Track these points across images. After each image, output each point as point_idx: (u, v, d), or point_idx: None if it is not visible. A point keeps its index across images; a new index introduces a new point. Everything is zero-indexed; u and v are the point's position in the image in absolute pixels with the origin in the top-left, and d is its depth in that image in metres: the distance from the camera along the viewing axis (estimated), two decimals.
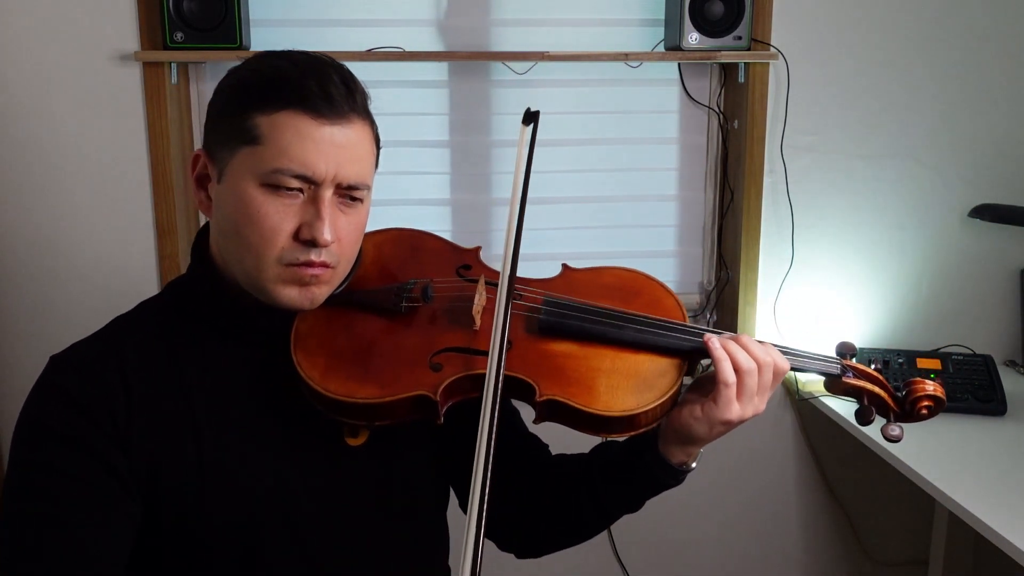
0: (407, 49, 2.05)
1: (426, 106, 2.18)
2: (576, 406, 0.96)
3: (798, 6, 2.12)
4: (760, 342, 1.01)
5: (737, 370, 0.97)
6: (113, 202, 2.03)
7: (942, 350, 2.15)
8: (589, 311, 1.04)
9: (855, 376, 1.07)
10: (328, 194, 0.96)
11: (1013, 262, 2.31)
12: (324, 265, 0.97)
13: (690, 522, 2.36)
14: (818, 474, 2.38)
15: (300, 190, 0.95)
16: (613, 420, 0.97)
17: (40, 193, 2.01)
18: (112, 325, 1.05)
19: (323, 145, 0.94)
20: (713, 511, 2.37)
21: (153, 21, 1.94)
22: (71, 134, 2.00)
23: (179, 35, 1.89)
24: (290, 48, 1.02)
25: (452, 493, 1.19)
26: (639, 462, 1.04)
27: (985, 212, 2.16)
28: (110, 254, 2.05)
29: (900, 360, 2.07)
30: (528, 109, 1.09)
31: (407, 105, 2.17)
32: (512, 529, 1.16)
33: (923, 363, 2.05)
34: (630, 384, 0.99)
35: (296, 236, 0.96)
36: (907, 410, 1.06)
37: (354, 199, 0.99)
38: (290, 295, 0.98)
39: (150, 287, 2.05)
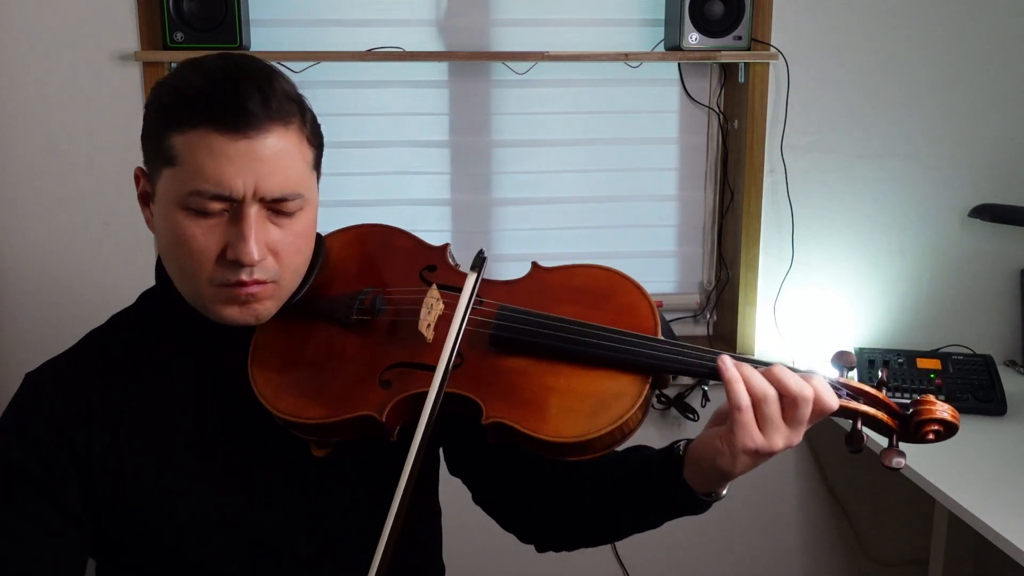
0: (407, 49, 2.05)
1: (426, 106, 2.18)
2: (524, 431, 0.88)
3: (798, 6, 2.12)
4: (804, 373, 0.88)
5: (752, 393, 0.86)
6: (113, 202, 2.03)
7: (942, 350, 2.15)
8: (544, 324, 0.95)
9: (849, 396, 0.92)
10: (252, 211, 0.90)
11: (1013, 262, 2.31)
12: (258, 283, 0.93)
13: (690, 522, 2.35)
14: (818, 474, 2.38)
15: (224, 209, 0.91)
16: (563, 446, 0.88)
17: (40, 193, 2.01)
18: (85, 340, 1.05)
19: (238, 161, 0.88)
20: (713, 511, 2.34)
21: (153, 21, 1.94)
22: (71, 134, 1.99)
23: (179, 35, 1.89)
24: (290, 48, 1.00)
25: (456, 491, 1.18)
26: (663, 491, 0.96)
27: (985, 212, 2.16)
28: (110, 254, 2.05)
29: (900, 360, 2.06)
30: (480, 252, 0.98)
31: (407, 105, 2.17)
32: (527, 524, 1.13)
33: (923, 363, 2.05)
34: (584, 406, 0.89)
35: (223, 256, 0.91)
36: (910, 431, 0.91)
37: (287, 211, 0.93)
38: (231, 314, 0.95)
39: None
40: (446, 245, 1.08)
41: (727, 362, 0.88)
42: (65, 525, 0.95)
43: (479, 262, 0.97)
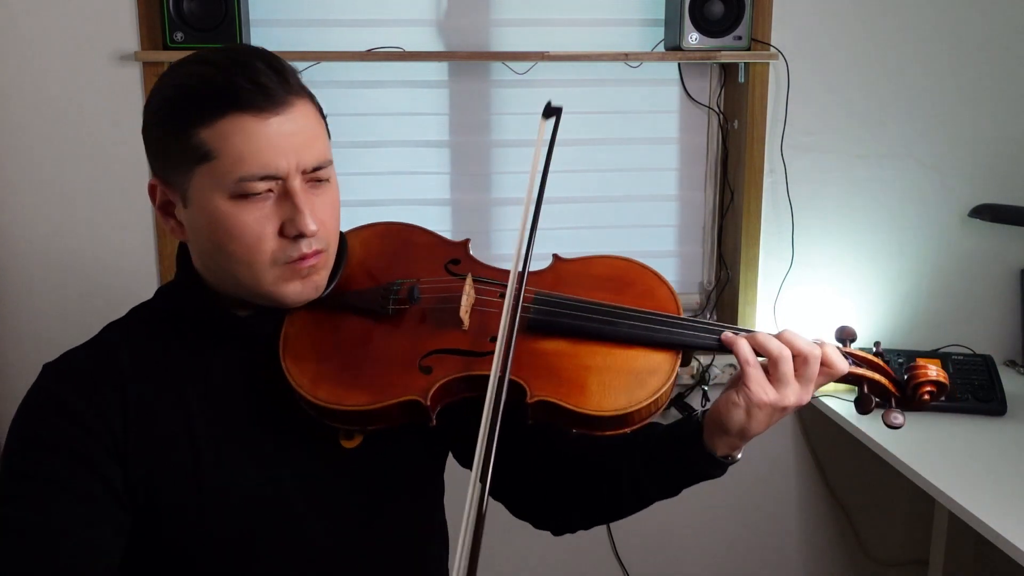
0: (407, 49, 2.05)
1: (426, 106, 2.18)
2: (567, 407, 0.94)
3: (798, 6, 2.12)
4: (817, 341, 0.98)
5: (768, 354, 0.95)
6: (113, 202, 2.03)
7: (942, 350, 2.15)
8: (579, 307, 1.01)
9: (854, 364, 1.01)
10: (297, 184, 0.94)
11: (1013, 262, 2.31)
12: (317, 253, 0.97)
13: (690, 522, 2.36)
14: (818, 474, 2.38)
15: (270, 190, 0.93)
16: (605, 419, 0.95)
17: (40, 193, 2.01)
18: (105, 332, 1.04)
19: (276, 139, 0.91)
20: (713, 511, 2.37)
21: (153, 21, 1.94)
22: (71, 134, 2.00)
23: (179, 35, 1.89)
24: (290, 48, 1.00)
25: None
26: (684, 454, 1.01)
27: (985, 212, 2.16)
28: (110, 254, 2.05)
29: (900, 360, 2.06)
30: (549, 103, 1.01)
31: (407, 105, 2.17)
32: (543, 509, 1.14)
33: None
34: (622, 382, 0.97)
35: (281, 234, 0.94)
36: (908, 395, 1.01)
37: (321, 179, 0.97)
38: (294, 290, 0.97)
39: (150, 287, 2.03)
40: (467, 240, 1.13)
41: (728, 332, 0.98)
42: (108, 500, 0.94)
43: (553, 112, 1.00)
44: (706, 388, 2.23)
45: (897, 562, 2.44)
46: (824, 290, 2.26)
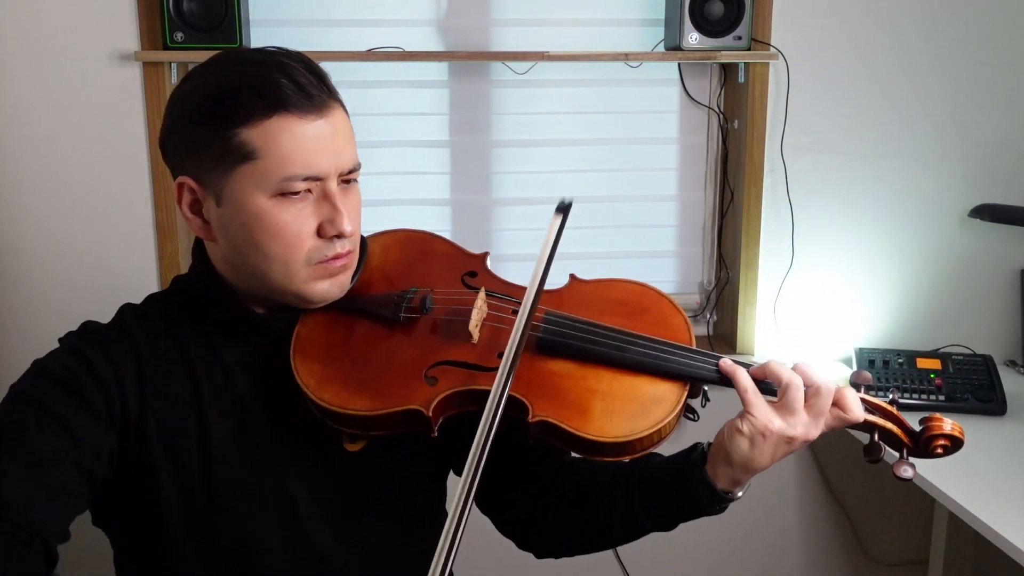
0: (407, 49, 2.05)
1: (426, 106, 2.18)
2: (568, 429, 0.93)
3: (798, 6, 2.12)
4: (840, 387, 0.97)
5: (778, 380, 0.94)
6: (113, 202, 2.03)
7: (942, 350, 2.15)
8: (590, 330, 1.00)
9: (869, 411, 0.99)
10: (334, 186, 0.97)
11: (1013, 262, 2.31)
12: (348, 252, 0.99)
13: (691, 522, 2.36)
14: (818, 474, 2.38)
15: (309, 190, 0.96)
16: (606, 446, 0.93)
17: (40, 193, 2.01)
18: (122, 313, 1.05)
19: (319, 141, 0.94)
20: None
21: (153, 21, 1.95)
22: (71, 134, 2.00)
23: (179, 35, 1.89)
24: (287, 48, 1.00)
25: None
26: (683, 486, 1.00)
27: (985, 212, 2.16)
28: (110, 254, 2.05)
29: (900, 360, 2.06)
30: (563, 200, 1.02)
31: (407, 105, 2.17)
32: (529, 530, 1.14)
33: (923, 363, 2.05)
34: (626, 409, 0.95)
35: (318, 234, 0.96)
36: (920, 447, 0.99)
37: (351, 181, 1.01)
38: (323, 289, 0.99)
39: (150, 287, 2.03)
40: (486, 253, 1.13)
41: (726, 360, 0.98)
42: (95, 457, 0.92)
43: (565, 208, 1.00)
44: (706, 388, 2.23)
45: (897, 562, 2.44)
46: (824, 290, 2.26)
